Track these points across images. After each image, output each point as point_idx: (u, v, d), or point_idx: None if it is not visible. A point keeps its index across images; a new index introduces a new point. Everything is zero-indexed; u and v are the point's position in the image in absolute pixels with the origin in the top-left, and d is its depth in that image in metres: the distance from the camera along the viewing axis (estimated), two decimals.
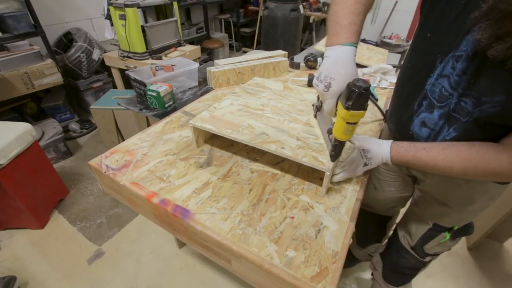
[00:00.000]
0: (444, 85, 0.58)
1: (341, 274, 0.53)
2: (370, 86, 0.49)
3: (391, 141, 0.66)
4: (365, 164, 0.68)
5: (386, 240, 1.11)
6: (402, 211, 1.02)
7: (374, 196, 1.00)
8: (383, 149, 0.65)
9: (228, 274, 1.37)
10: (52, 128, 2.05)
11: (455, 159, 0.54)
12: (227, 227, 0.61)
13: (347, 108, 0.50)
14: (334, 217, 0.64)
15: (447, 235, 0.81)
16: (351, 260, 1.38)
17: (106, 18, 2.30)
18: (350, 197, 0.70)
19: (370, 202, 1.03)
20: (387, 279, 1.06)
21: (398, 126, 0.74)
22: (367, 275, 1.41)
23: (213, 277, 1.37)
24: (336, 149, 0.61)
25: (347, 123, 0.53)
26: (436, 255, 0.89)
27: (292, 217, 0.63)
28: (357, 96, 0.48)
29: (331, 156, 0.63)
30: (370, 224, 1.12)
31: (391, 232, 1.07)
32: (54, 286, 1.33)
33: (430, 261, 0.92)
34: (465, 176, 0.55)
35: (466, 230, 0.82)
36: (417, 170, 0.70)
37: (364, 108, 0.50)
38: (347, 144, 0.73)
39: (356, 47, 0.56)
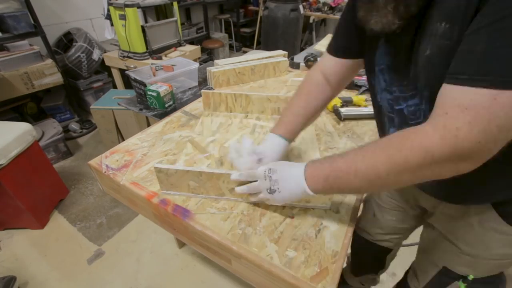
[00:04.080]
0: (387, 97, 0.56)
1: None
2: None
3: (304, 167, 0.52)
4: (271, 190, 0.54)
5: (383, 272, 1.03)
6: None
7: (372, 224, 0.91)
8: (296, 171, 0.52)
9: (228, 274, 1.37)
10: (52, 128, 2.05)
11: (376, 150, 0.43)
12: (227, 227, 0.61)
13: None
14: (334, 217, 0.64)
15: (461, 285, 0.67)
16: (342, 284, 1.20)
17: (106, 18, 2.31)
18: (350, 197, 0.70)
19: (368, 229, 0.93)
20: None
21: None
22: None
23: (213, 277, 1.37)
24: None
25: None
26: None
27: (292, 217, 0.63)
28: None
29: None
30: (368, 254, 1.00)
31: (394, 269, 0.94)
32: (54, 286, 1.33)
33: None
34: (395, 169, 0.41)
35: (491, 284, 0.67)
36: (343, 191, 0.56)
37: None
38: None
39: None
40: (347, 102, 1.11)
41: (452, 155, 0.36)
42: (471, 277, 0.66)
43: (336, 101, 1.09)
